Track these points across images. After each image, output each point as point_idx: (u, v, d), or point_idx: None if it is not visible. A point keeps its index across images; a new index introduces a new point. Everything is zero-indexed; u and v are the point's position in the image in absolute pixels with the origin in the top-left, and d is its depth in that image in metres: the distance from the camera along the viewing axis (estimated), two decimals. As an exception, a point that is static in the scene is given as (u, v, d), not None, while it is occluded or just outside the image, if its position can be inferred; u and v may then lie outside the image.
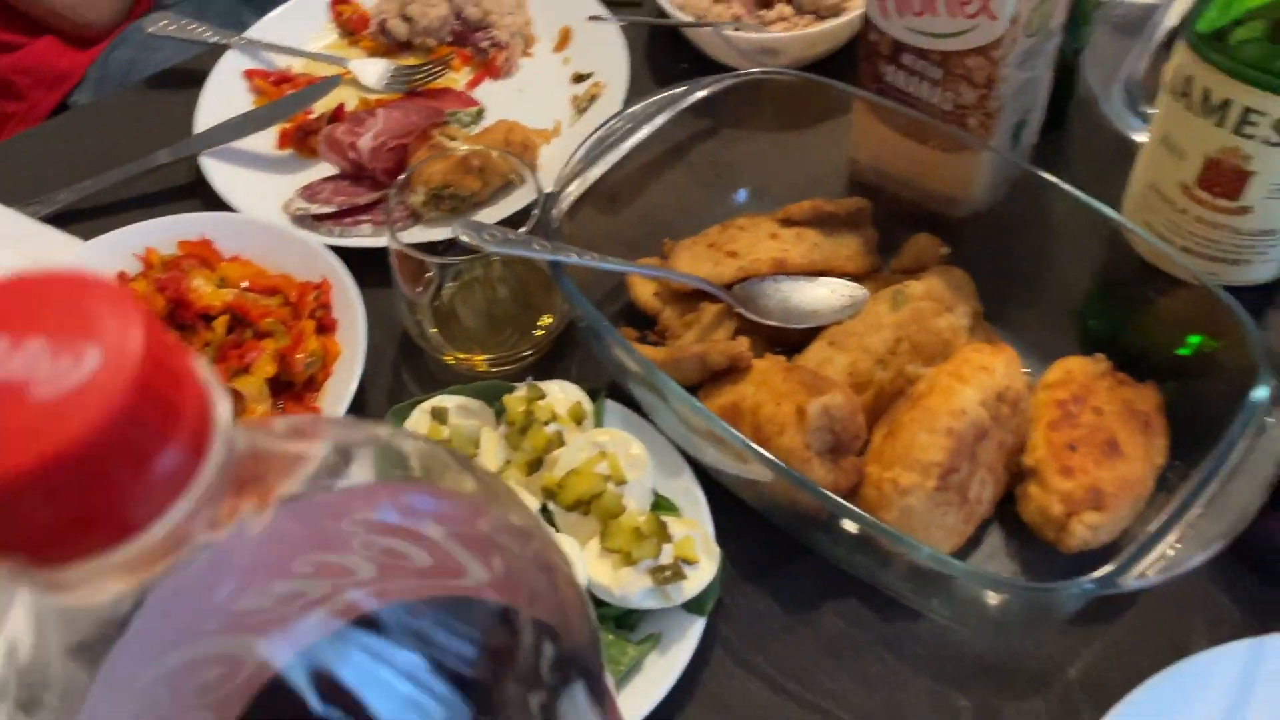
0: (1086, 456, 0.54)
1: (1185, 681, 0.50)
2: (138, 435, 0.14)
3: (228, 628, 0.21)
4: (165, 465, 0.15)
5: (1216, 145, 0.50)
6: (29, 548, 0.15)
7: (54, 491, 0.14)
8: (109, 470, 0.14)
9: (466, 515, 0.26)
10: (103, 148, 0.81)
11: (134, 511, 0.15)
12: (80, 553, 0.15)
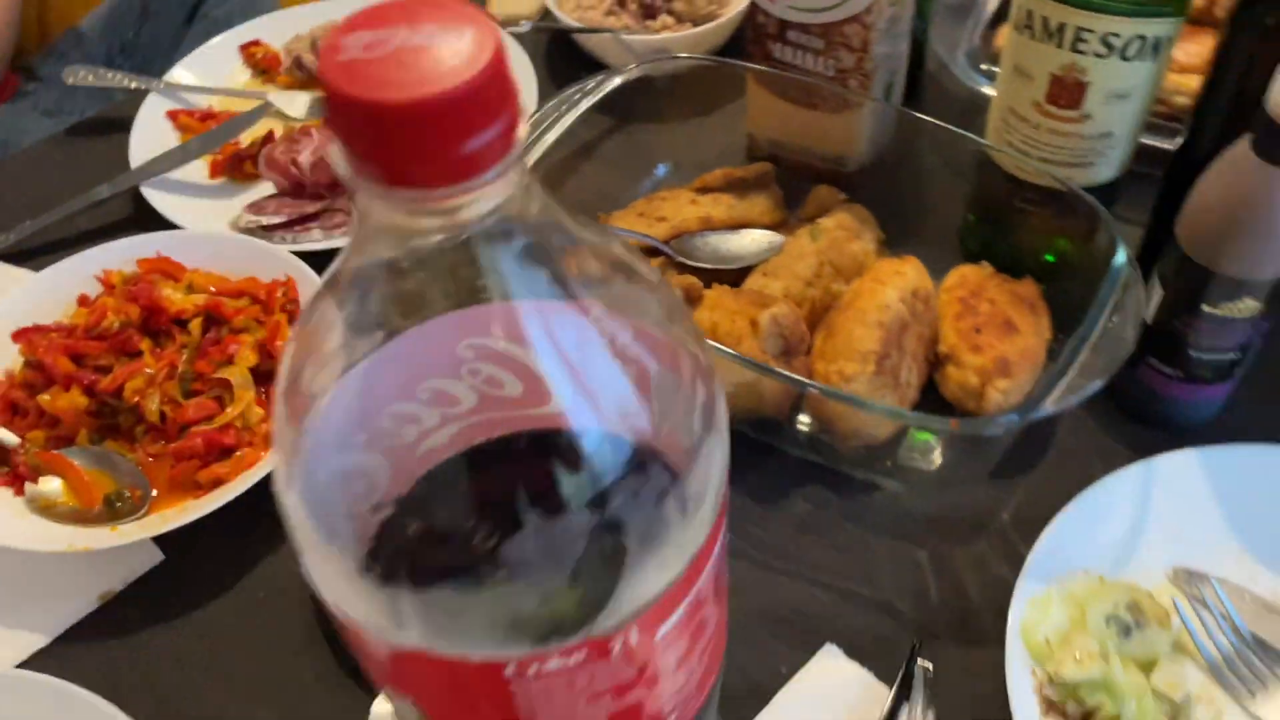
0: (990, 336, 0.64)
1: (1096, 501, 0.60)
2: (493, 95, 0.21)
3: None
4: (497, 130, 0.22)
5: (1057, 63, 0.62)
6: (414, 175, 0.21)
7: (456, 120, 0.21)
8: (475, 112, 0.21)
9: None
10: (37, 192, 0.83)
11: (473, 162, 0.21)
12: (436, 181, 0.21)
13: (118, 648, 0.61)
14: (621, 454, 0.26)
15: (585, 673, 0.30)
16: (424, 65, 0.21)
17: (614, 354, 0.26)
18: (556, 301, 0.25)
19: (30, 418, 0.67)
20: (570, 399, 0.26)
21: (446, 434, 0.27)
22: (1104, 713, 0.54)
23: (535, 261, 0.25)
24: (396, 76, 0.21)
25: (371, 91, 0.21)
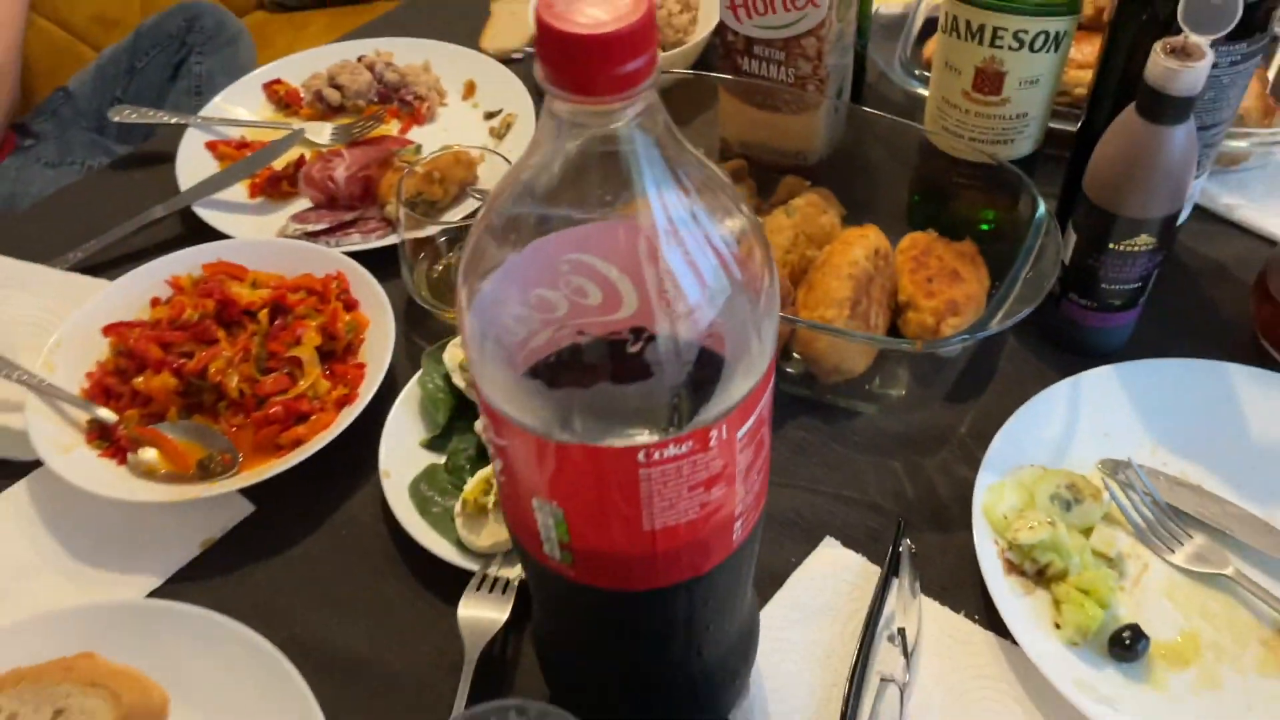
0: (940, 284, 0.78)
1: (1035, 410, 0.74)
2: (645, 36, 0.33)
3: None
4: (645, 59, 0.34)
5: (980, 58, 0.76)
6: (589, 85, 0.33)
7: (624, 47, 0.33)
8: (635, 44, 0.33)
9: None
10: (93, 216, 0.94)
11: (630, 77, 0.34)
12: (612, 89, 0.34)
13: (222, 583, 0.70)
14: (723, 297, 0.38)
15: (689, 462, 0.41)
16: (604, 14, 0.33)
17: (715, 230, 0.38)
18: (671, 184, 0.37)
19: (124, 400, 0.77)
20: (692, 266, 0.38)
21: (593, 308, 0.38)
22: (1054, 568, 0.66)
23: (659, 152, 0.37)
24: (586, 20, 0.33)
25: (572, 28, 0.33)
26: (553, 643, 0.58)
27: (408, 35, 1.10)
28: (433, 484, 0.73)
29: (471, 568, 0.67)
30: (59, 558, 0.71)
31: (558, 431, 0.40)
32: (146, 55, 1.66)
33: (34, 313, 0.83)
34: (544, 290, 0.39)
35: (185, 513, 0.73)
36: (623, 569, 0.46)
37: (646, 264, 0.38)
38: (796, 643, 0.66)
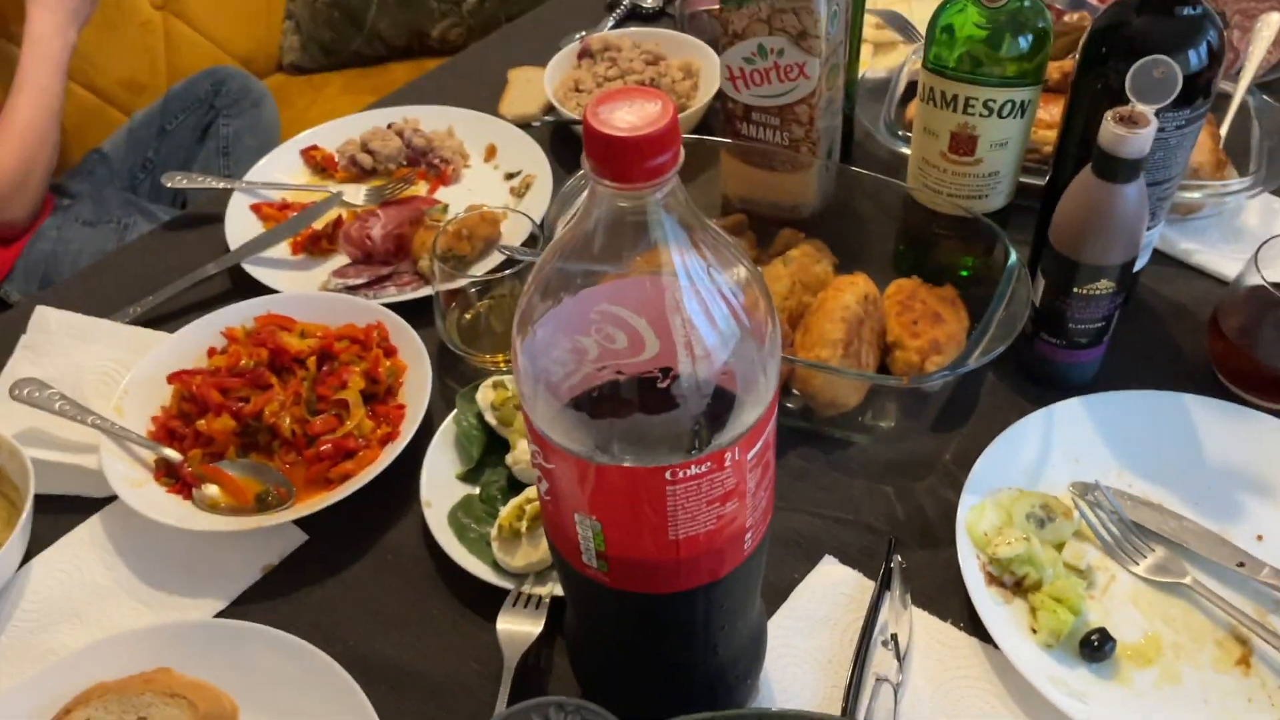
0: (924, 325, 0.86)
1: (1012, 438, 0.82)
2: (670, 136, 0.42)
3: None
4: (670, 155, 0.42)
5: (954, 124, 0.85)
6: (625, 174, 0.42)
7: (655, 147, 0.41)
8: (662, 144, 0.41)
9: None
10: (147, 274, 1.02)
11: (658, 169, 0.42)
12: (644, 179, 0.42)
13: (281, 604, 0.78)
14: (734, 340, 0.47)
15: (709, 480, 0.49)
16: (638, 120, 0.42)
17: (726, 285, 0.47)
18: (690, 248, 0.46)
19: (188, 440, 0.85)
20: (708, 315, 0.46)
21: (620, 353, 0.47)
22: (1030, 579, 0.74)
23: (679, 223, 0.45)
24: (624, 125, 0.42)
25: (613, 132, 0.41)
26: (585, 645, 0.66)
27: (432, 103, 1.20)
28: (469, 512, 0.80)
29: (507, 586, 0.75)
30: (132, 584, 0.79)
31: (598, 455, 0.48)
32: (176, 118, 1.76)
33: (101, 363, 0.91)
34: (581, 337, 0.47)
35: (246, 542, 0.81)
36: (650, 574, 0.54)
37: (671, 314, 0.46)
38: (801, 649, 0.73)
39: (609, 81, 1.16)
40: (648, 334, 0.46)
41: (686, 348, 0.46)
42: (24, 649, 0.76)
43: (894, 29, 1.22)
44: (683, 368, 0.46)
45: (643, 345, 0.46)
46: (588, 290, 0.47)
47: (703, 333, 0.46)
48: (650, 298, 0.47)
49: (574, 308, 0.47)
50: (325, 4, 1.99)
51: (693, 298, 0.46)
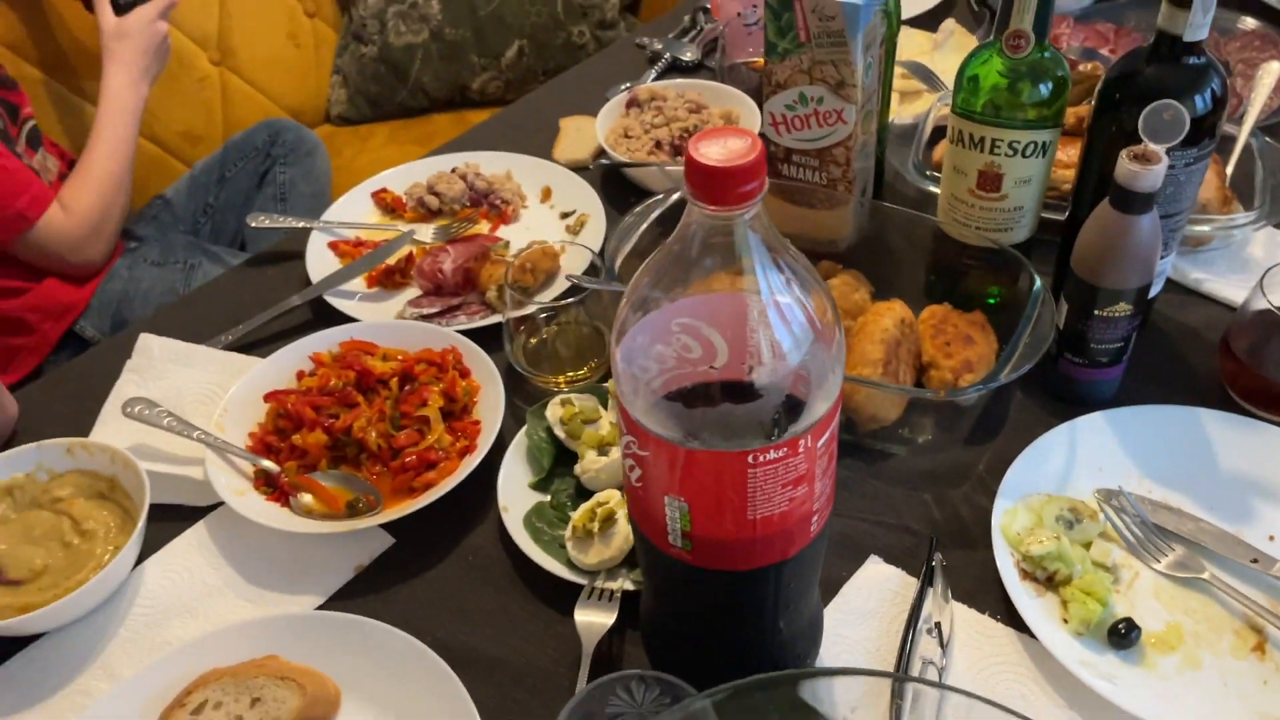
0: (956, 347, 0.94)
1: (1040, 449, 0.89)
2: (758, 167, 0.50)
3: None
4: (758, 183, 0.50)
5: (981, 163, 0.94)
6: (719, 198, 0.50)
7: (745, 175, 0.49)
8: (751, 173, 0.50)
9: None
10: (233, 306, 1.11)
11: (747, 194, 0.50)
12: (735, 202, 0.50)
13: (372, 600, 0.85)
14: (808, 342, 0.54)
15: (784, 463, 0.56)
16: (731, 152, 0.50)
17: (802, 295, 0.55)
18: (771, 263, 0.54)
19: (283, 453, 0.93)
20: (787, 320, 0.54)
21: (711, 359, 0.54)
22: (1061, 574, 0.81)
23: (763, 242, 0.53)
24: (719, 157, 0.50)
25: (710, 163, 0.50)
26: (661, 625, 0.73)
27: (491, 149, 1.29)
28: (541, 517, 0.88)
29: (579, 582, 0.82)
30: (237, 582, 0.86)
31: (689, 441, 0.56)
32: (235, 166, 1.86)
33: (199, 385, 1.00)
34: (666, 344, 0.55)
35: (339, 544, 0.88)
36: (729, 552, 0.61)
37: (756, 318, 0.54)
38: (851, 639, 0.80)
39: (655, 129, 1.25)
40: (733, 338, 0.54)
41: (770, 347, 0.54)
42: (141, 641, 0.83)
43: (919, 79, 1.31)
44: (765, 364, 0.54)
45: (724, 350, 0.54)
46: (682, 300, 0.55)
47: (783, 334, 0.54)
48: (738, 304, 0.55)
49: (668, 315, 0.55)
50: (372, 59, 2.11)
51: (774, 305, 0.54)
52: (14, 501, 0.90)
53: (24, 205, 1.45)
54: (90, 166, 1.54)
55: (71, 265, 1.55)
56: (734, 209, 0.52)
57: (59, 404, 1.04)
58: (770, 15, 0.97)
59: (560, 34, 2.10)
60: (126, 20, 1.60)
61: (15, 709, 0.80)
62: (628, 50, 1.55)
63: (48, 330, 1.56)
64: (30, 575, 0.84)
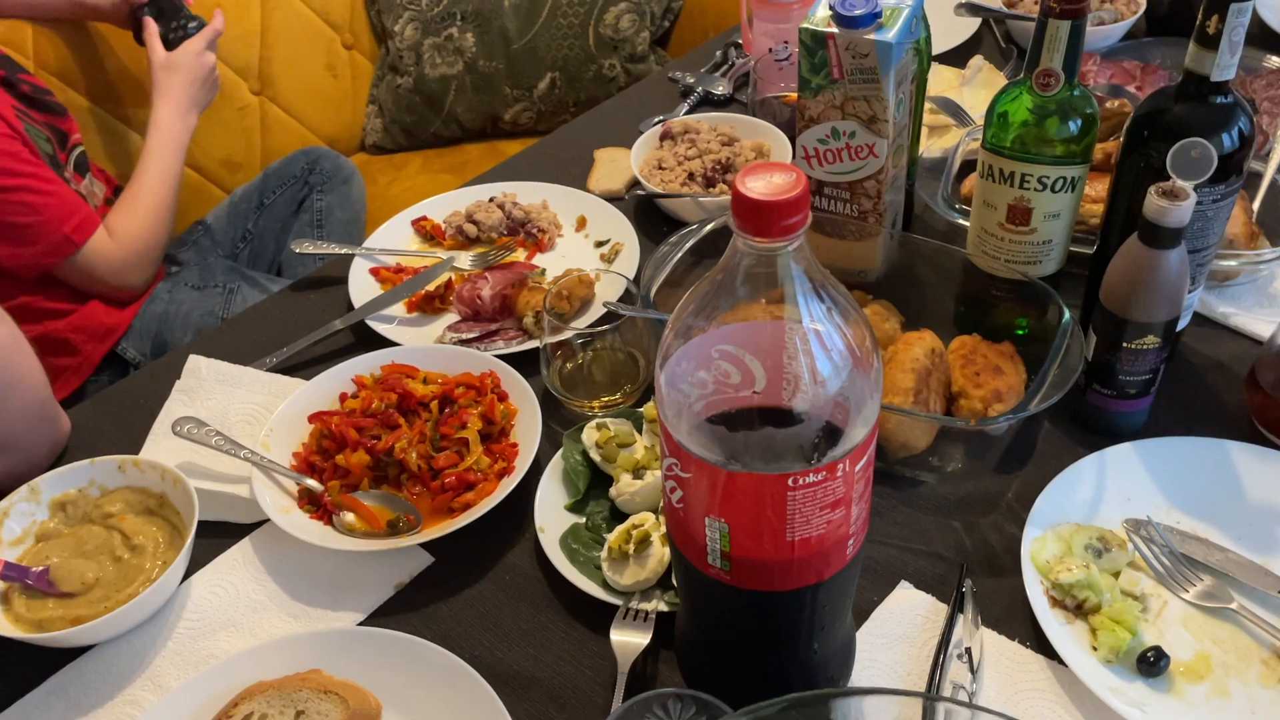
0: (985, 376, 0.95)
1: (1069, 478, 0.90)
2: (802, 201, 0.52)
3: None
4: (801, 216, 0.52)
5: (1011, 197, 0.96)
6: (764, 230, 0.52)
7: (790, 209, 0.52)
8: (795, 207, 0.52)
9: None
10: (277, 329, 1.14)
11: (791, 227, 0.52)
12: (780, 235, 0.53)
13: (412, 617, 0.87)
14: (847, 370, 0.56)
15: (823, 486, 0.58)
16: (776, 187, 0.52)
17: (842, 324, 0.57)
18: (813, 293, 0.56)
19: (327, 473, 0.95)
20: (827, 347, 0.56)
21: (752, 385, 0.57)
22: (1090, 602, 0.82)
23: (805, 273, 0.55)
24: (765, 191, 0.52)
25: (756, 196, 0.52)
26: (696, 642, 0.74)
27: (528, 180, 1.32)
28: (577, 538, 0.90)
29: (615, 602, 0.84)
30: (281, 598, 0.89)
31: (731, 463, 0.58)
32: (274, 193, 1.91)
33: (245, 406, 1.02)
34: (723, 363, 0.57)
35: (380, 562, 0.90)
36: (767, 573, 0.63)
37: (798, 345, 0.56)
38: (882, 662, 0.81)
39: (688, 160, 1.28)
40: (774, 365, 0.56)
41: (810, 374, 0.56)
42: (187, 654, 0.85)
43: (947, 114, 1.33)
44: (805, 390, 0.56)
45: (762, 376, 0.56)
46: (725, 328, 0.57)
47: (823, 362, 0.56)
48: (780, 332, 0.57)
49: (710, 342, 0.58)
50: (407, 90, 2.15)
51: (814, 333, 0.56)
52: (66, 516, 0.92)
53: (71, 229, 1.49)
54: (137, 194, 1.59)
55: (115, 289, 1.59)
56: (778, 241, 0.54)
57: (108, 423, 1.07)
58: (804, 52, 0.99)
59: (591, 67, 2.14)
60: (175, 54, 1.65)
61: (66, 718, 0.82)
62: (661, 84, 1.58)
63: (90, 351, 1.60)
64: (82, 588, 0.87)
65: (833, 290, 0.58)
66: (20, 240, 1.46)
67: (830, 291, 0.57)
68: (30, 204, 1.44)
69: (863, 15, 0.95)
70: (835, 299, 0.58)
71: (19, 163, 1.43)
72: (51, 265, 1.51)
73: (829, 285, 0.57)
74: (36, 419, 0.97)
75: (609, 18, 2.10)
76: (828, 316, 0.57)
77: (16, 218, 1.44)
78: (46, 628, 0.84)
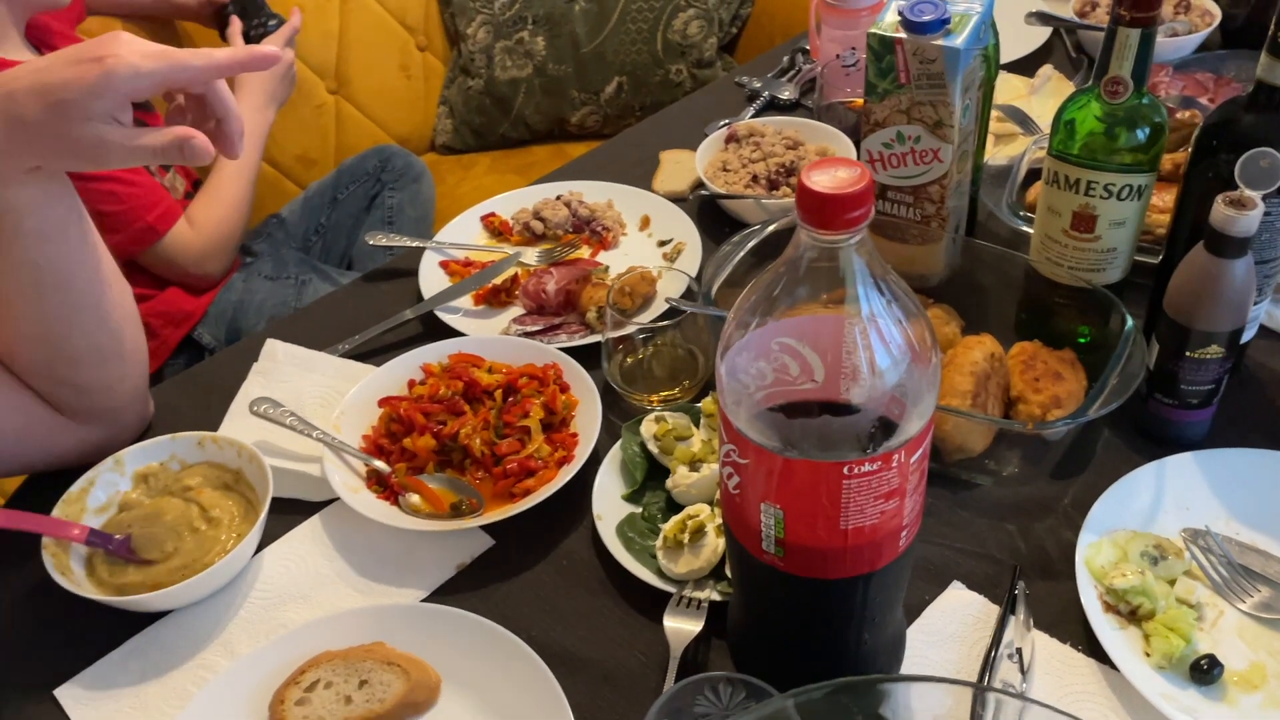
0: (1045, 382, 0.96)
1: (1127, 486, 0.90)
2: (866, 194, 0.54)
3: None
4: (866, 209, 0.54)
5: (1076, 204, 0.96)
6: (828, 223, 0.54)
7: (853, 203, 0.53)
8: (859, 201, 0.54)
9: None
10: (348, 318, 1.18)
11: (854, 220, 0.54)
12: (843, 227, 0.54)
13: (471, 597, 0.90)
14: (905, 362, 0.58)
15: (878, 476, 0.60)
16: (841, 181, 0.54)
17: (902, 318, 0.58)
18: (874, 287, 0.57)
19: (394, 455, 0.98)
20: (886, 340, 0.57)
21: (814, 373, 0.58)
22: (1144, 609, 0.82)
23: (866, 266, 0.57)
24: (831, 184, 0.54)
25: (822, 189, 0.54)
26: (748, 629, 0.76)
27: (594, 179, 1.35)
28: (633, 527, 0.92)
29: (669, 590, 0.86)
30: (348, 573, 0.92)
31: (788, 450, 0.60)
32: (347, 189, 1.96)
33: (319, 389, 1.06)
34: (782, 355, 0.59)
35: (443, 542, 0.93)
36: (820, 560, 0.64)
37: (857, 336, 0.58)
38: (933, 660, 0.82)
39: (753, 163, 1.30)
40: (834, 356, 0.58)
41: (869, 365, 0.58)
42: (259, 623, 0.89)
43: (1014, 122, 1.34)
44: (863, 382, 0.58)
45: (820, 369, 0.58)
46: (786, 320, 0.59)
47: (881, 354, 0.58)
48: (840, 325, 0.58)
49: (771, 333, 0.59)
50: (478, 92, 2.20)
51: (874, 326, 0.58)
52: (148, 488, 0.97)
53: (154, 219, 1.55)
54: (218, 186, 1.65)
55: (193, 276, 1.65)
56: (841, 234, 0.56)
57: (186, 403, 1.11)
58: (872, 57, 1.00)
59: (658, 72, 2.17)
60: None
61: (143, 678, 0.86)
62: (727, 88, 1.60)
63: (168, 336, 1.66)
64: (161, 556, 0.91)
65: (894, 284, 0.59)
66: (106, 228, 1.50)
67: (891, 285, 0.59)
68: (116, 193, 1.51)
69: (931, 21, 0.96)
70: (896, 293, 0.59)
71: None
72: (135, 253, 1.57)
73: (890, 279, 0.59)
74: (137, 397, 1.02)
75: (677, 23, 2.12)
76: (888, 310, 0.58)
77: (103, 206, 1.50)
78: (126, 592, 0.88)
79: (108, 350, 0.95)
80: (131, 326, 0.97)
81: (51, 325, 0.91)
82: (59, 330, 0.91)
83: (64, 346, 0.92)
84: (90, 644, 0.88)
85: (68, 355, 0.93)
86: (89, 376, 0.95)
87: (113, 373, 0.97)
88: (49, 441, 0.97)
